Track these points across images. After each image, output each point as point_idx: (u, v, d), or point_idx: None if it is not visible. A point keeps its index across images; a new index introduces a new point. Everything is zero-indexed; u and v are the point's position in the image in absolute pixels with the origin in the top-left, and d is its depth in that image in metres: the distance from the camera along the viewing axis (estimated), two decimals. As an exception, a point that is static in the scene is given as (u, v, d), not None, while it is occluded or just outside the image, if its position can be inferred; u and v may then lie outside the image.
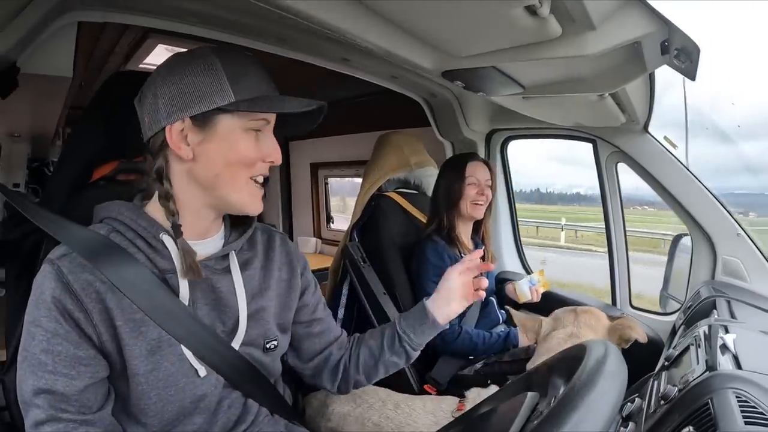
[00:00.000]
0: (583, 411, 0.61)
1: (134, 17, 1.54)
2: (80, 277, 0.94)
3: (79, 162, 1.30)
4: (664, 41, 1.17)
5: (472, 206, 2.27)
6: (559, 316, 1.61)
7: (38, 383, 0.91)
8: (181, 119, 0.96)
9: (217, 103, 0.95)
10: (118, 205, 1.04)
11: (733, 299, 1.63)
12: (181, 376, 1.02)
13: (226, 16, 1.57)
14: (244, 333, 1.10)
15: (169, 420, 1.03)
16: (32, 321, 0.93)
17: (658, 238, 13.44)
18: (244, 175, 1.00)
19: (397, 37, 1.31)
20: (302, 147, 4.93)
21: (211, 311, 1.07)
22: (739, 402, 0.90)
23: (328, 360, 1.33)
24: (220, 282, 1.08)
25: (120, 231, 1.01)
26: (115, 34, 2.79)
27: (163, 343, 0.99)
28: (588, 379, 0.65)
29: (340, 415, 1.64)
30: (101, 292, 0.95)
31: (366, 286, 2.28)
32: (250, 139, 0.99)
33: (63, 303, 0.92)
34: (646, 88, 1.71)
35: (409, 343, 1.28)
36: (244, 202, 1.03)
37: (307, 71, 2.11)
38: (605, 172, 2.34)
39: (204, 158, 0.98)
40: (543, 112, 2.04)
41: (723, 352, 1.13)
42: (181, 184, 1.02)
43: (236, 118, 0.98)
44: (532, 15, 1.03)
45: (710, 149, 12.09)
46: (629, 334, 1.50)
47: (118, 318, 0.96)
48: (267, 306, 1.16)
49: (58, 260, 0.95)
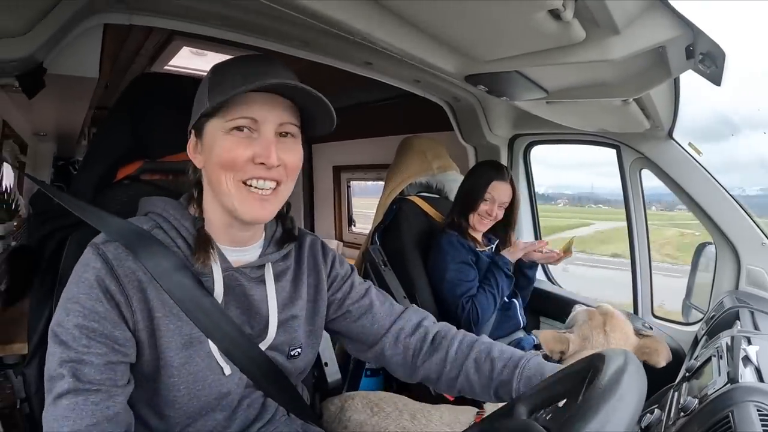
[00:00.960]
0: (602, 418, 0.60)
1: (159, 20, 1.57)
2: (124, 264, 0.95)
3: (105, 161, 1.32)
4: (689, 46, 1.16)
5: (478, 219, 2.30)
6: (586, 335, 1.55)
7: (67, 354, 0.90)
8: (191, 133, 1.04)
9: (198, 112, 0.99)
10: (165, 202, 1.07)
11: (757, 310, 1.59)
12: (210, 372, 1.03)
13: (251, 20, 1.59)
14: (273, 339, 1.11)
15: (192, 414, 1.04)
16: (70, 298, 0.92)
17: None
18: (231, 178, 0.98)
19: (421, 40, 1.31)
20: (325, 150, 4.96)
21: (242, 314, 1.08)
22: (761, 416, 0.88)
23: (383, 356, 1.26)
24: (254, 290, 1.09)
25: (163, 228, 1.03)
26: (140, 37, 2.83)
27: (194, 339, 1.01)
28: (607, 387, 0.64)
29: (357, 422, 1.63)
30: (143, 282, 0.96)
31: (386, 290, 2.24)
32: (233, 140, 0.97)
33: (106, 284, 0.93)
34: (671, 93, 1.69)
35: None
36: (236, 207, 0.99)
37: (330, 74, 2.12)
38: (629, 179, 2.32)
39: (206, 165, 1.02)
40: (566, 118, 2.03)
41: (745, 365, 1.11)
42: (207, 192, 1.05)
43: (216, 121, 0.98)
44: (556, 19, 1.03)
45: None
46: (654, 359, 1.46)
47: (158, 310, 0.97)
48: (297, 315, 1.16)
49: (103, 245, 0.96)
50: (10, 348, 1.99)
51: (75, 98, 2.94)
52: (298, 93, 0.98)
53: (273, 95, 0.98)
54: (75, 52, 1.49)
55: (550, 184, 13.07)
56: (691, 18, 1.08)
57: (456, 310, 2.21)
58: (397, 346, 1.23)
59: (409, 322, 1.25)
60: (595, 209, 14.32)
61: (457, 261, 2.24)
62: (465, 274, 2.23)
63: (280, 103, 0.99)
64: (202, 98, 1.00)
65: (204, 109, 0.97)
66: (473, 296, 2.20)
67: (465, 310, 2.18)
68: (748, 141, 15.42)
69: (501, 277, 2.25)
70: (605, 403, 0.62)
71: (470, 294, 2.20)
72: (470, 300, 2.18)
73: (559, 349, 1.53)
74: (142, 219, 1.05)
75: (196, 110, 1.02)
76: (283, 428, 1.21)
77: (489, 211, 2.28)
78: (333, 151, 4.85)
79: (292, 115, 1.02)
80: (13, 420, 1.76)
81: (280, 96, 0.99)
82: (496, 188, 2.27)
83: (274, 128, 0.99)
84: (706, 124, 15.30)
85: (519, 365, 1.09)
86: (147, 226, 1.03)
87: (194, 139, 1.03)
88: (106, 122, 1.43)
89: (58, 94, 2.56)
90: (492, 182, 2.27)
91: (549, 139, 2.77)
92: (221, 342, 1.03)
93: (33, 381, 1.22)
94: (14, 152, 4.64)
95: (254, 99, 0.96)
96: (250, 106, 0.96)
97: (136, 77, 1.44)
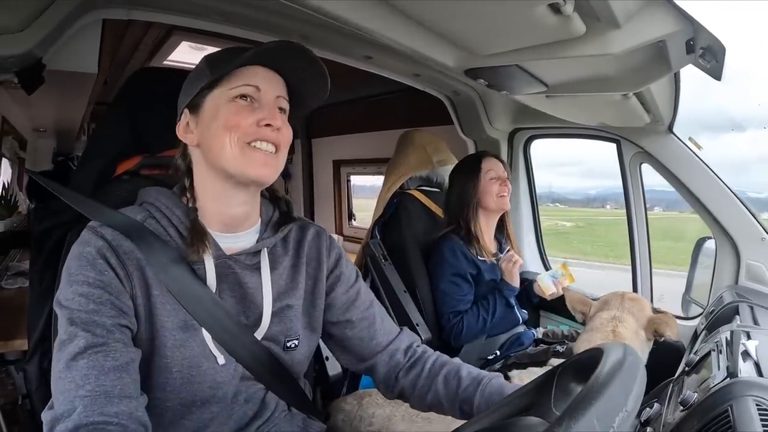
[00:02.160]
0: (602, 405, 0.60)
1: (158, 15, 1.57)
2: (122, 244, 0.98)
3: (104, 156, 1.32)
4: (690, 40, 1.16)
5: (499, 199, 2.25)
6: (608, 299, 1.68)
7: (78, 316, 0.90)
8: (183, 113, 1.06)
9: (198, 86, 1.02)
10: (157, 191, 1.09)
11: (757, 305, 1.59)
12: (204, 359, 1.03)
13: (250, 14, 1.59)
14: (267, 329, 1.11)
15: (186, 403, 1.04)
16: (71, 273, 0.94)
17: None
18: (236, 140, 0.99)
19: (420, 35, 1.31)
20: (325, 144, 4.97)
21: (237, 304, 1.08)
22: (760, 410, 0.88)
23: (374, 369, 1.27)
24: (248, 278, 1.09)
25: (156, 218, 1.05)
26: (139, 32, 2.84)
27: (189, 325, 1.02)
28: (606, 379, 0.64)
29: (383, 416, 1.63)
30: (141, 261, 0.98)
31: (387, 284, 2.28)
32: (237, 106, 1.01)
33: (107, 257, 0.95)
34: (671, 87, 1.69)
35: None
36: (242, 167, 1.00)
37: (330, 69, 2.12)
38: (629, 173, 2.31)
39: (204, 138, 1.03)
40: (566, 112, 2.03)
41: (744, 359, 1.12)
42: (200, 171, 1.07)
43: (218, 91, 1.02)
44: (556, 13, 1.03)
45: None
46: (663, 329, 1.54)
47: (155, 288, 0.99)
48: (294, 305, 1.16)
49: (100, 228, 0.99)
50: (12, 344, 1.99)
51: (74, 94, 2.94)
52: (294, 65, 1.05)
53: (270, 71, 1.05)
54: (74, 47, 1.49)
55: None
56: (691, 12, 1.07)
57: (441, 320, 2.21)
58: (389, 364, 1.25)
59: (403, 343, 1.27)
60: (552, 207, 14.58)
61: (453, 272, 2.19)
62: (459, 289, 2.19)
63: (276, 77, 1.06)
64: (200, 76, 1.03)
65: (205, 81, 1.01)
66: (463, 313, 2.17)
67: (451, 323, 2.16)
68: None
69: (501, 305, 2.19)
70: (604, 393, 0.62)
71: (459, 309, 2.18)
72: (459, 316, 2.16)
73: (581, 310, 1.72)
74: (136, 209, 1.07)
75: (192, 87, 1.05)
76: (284, 424, 1.20)
77: (502, 183, 2.24)
78: (333, 145, 4.85)
79: (285, 92, 1.08)
80: (15, 416, 1.76)
81: (276, 74, 1.06)
82: (490, 164, 2.26)
83: (273, 98, 1.04)
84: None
85: (482, 383, 1.13)
86: (140, 216, 1.04)
87: (188, 116, 1.06)
88: (105, 117, 1.43)
89: (58, 90, 2.56)
90: (483, 159, 2.27)
91: (549, 134, 2.76)
92: (214, 331, 1.04)
93: (34, 378, 1.23)
94: (13, 148, 4.65)
95: (255, 71, 1.03)
96: (252, 77, 1.02)
97: (135, 72, 1.44)
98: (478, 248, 2.24)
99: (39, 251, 1.26)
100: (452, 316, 2.17)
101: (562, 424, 0.59)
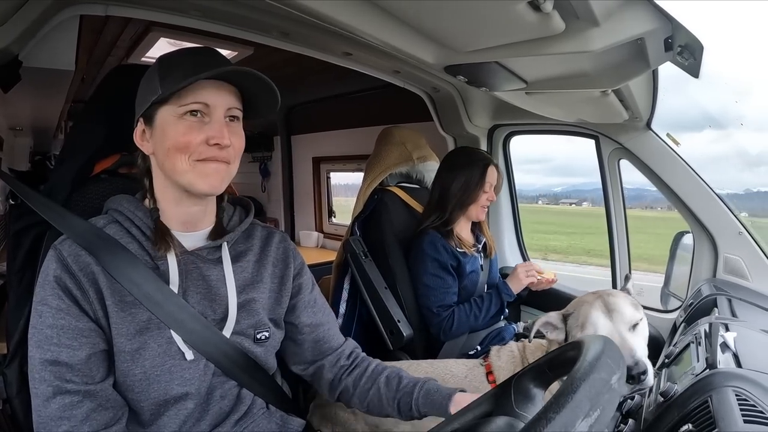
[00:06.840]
0: (580, 398, 0.61)
1: (136, 11, 1.54)
2: (79, 260, 1.03)
3: (82, 155, 1.30)
4: (668, 38, 1.17)
5: (480, 210, 2.28)
6: (582, 298, 1.54)
7: (44, 355, 0.98)
8: (139, 121, 1.09)
9: (149, 100, 1.04)
10: (120, 198, 1.14)
11: (734, 297, 1.62)
12: (168, 357, 1.07)
13: (229, 10, 1.57)
14: (234, 322, 1.15)
15: (158, 402, 1.08)
16: (40, 300, 1.01)
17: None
18: (185, 159, 1.03)
19: (400, 31, 1.30)
20: (304, 141, 4.94)
21: (203, 299, 1.12)
22: (739, 400, 0.90)
23: (321, 372, 1.35)
24: (210, 271, 1.14)
25: (119, 221, 1.11)
26: (117, 28, 2.80)
27: (152, 324, 1.06)
28: (587, 371, 0.65)
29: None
30: (95, 273, 1.03)
31: (367, 280, 2.28)
32: (187, 124, 1.03)
33: (63, 281, 1.01)
34: (650, 84, 1.70)
35: (418, 417, 1.23)
36: (192, 182, 1.05)
37: (309, 65, 2.10)
38: (608, 169, 2.33)
39: (157, 151, 1.07)
40: (545, 108, 2.04)
41: (723, 351, 1.14)
42: (157, 176, 1.12)
43: (169, 107, 1.04)
44: (536, 10, 1.03)
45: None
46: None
47: (108, 298, 1.03)
48: (258, 298, 1.20)
49: (60, 244, 1.05)
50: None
51: (51, 91, 2.88)
52: (247, 78, 1.05)
53: (221, 82, 1.05)
54: (51, 44, 1.46)
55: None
56: (669, 10, 1.08)
57: (428, 315, 2.21)
58: (336, 366, 1.34)
59: (347, 348, 1.37)
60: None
61: (435, 266, 2.18)
62: (443, 281, 2.18)
63: (227, 89, 1.06)
64: (151, 87, 1.06)
65: (157, 96, 1.03)
66: (454, 307, 2.18)
67: (440, 318, 2.15)
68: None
69: (495, 304, 2.20)
70: (585, 382, 0.63)
71: (446, 302, 2.17)
72: (450, 309, 2.16)
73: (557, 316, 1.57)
74: (101, 217, 1.12)
75: (145, 99, 1.07)
76: (262, 421, 1.23)
77: (489, 197, 2.27)
78: (312, 142, 4.83)
79: (237, 101, 1.09)
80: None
81: (227, 83, 1.06)
82: (492, 174, 2.26)
83: (223, 112, 1.06)
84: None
85: (419, 382, 1.23)
86: (102, 222, 1.11)
87: (142, 126, 1.09)
88: (83, 115, 1.42)
89: (35, 87, 2.51)
90: (489, 167, 2.26)
91: (528, 130, 2.77)
92: (181, 330, 1.07)
93: (14, 381, 1.23)
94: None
95: (204, 86, 1.03)
96: (201, 93, 1.03)
97: (113, 69, 1.44)
98: (458, 241, 2.25)
99: (16, 251, 1.26)
100: (441, 310, 2.17)
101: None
